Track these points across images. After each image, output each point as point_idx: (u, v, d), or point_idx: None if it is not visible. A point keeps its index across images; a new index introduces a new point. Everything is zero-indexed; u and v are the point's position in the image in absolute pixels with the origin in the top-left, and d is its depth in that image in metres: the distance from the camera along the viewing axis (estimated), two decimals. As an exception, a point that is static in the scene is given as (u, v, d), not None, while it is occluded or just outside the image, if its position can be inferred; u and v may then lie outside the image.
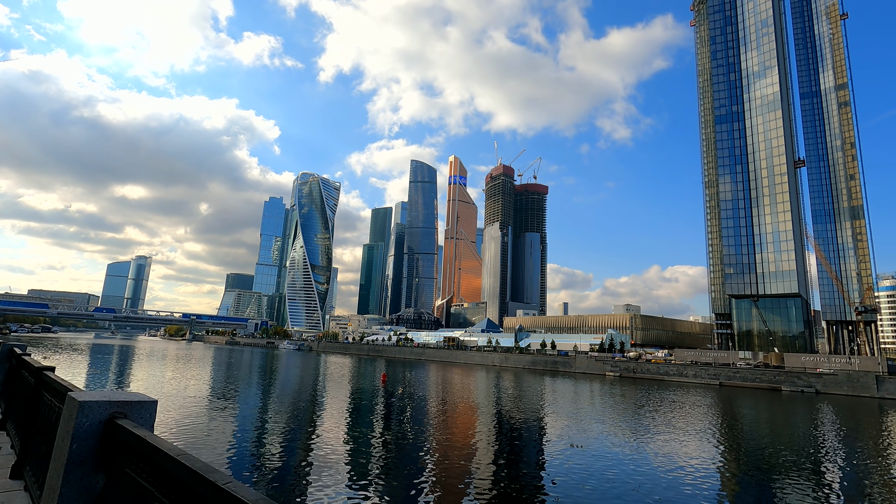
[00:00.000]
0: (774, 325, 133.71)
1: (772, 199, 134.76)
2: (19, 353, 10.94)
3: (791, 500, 22.46)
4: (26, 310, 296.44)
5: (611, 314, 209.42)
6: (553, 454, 29.19)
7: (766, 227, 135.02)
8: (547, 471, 25.41)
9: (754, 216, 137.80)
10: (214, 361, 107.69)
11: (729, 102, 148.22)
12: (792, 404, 67.92)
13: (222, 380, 67.82)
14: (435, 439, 32.15)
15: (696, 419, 48.45)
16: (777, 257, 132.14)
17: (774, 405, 66.22)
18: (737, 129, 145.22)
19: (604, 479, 23.82)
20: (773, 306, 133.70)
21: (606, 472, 25.42)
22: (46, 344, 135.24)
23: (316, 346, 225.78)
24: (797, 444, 37.04)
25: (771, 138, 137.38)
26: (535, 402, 56.79)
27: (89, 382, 55.24)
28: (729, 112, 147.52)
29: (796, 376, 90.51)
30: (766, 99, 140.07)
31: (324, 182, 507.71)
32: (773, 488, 24.26)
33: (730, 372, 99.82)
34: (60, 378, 6.32)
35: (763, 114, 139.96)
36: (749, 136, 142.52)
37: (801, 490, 24.09)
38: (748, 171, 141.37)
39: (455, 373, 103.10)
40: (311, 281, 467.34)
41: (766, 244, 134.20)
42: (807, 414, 57.77)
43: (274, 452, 27.27)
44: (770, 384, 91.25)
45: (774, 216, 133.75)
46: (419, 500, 19.90)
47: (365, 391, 61.22)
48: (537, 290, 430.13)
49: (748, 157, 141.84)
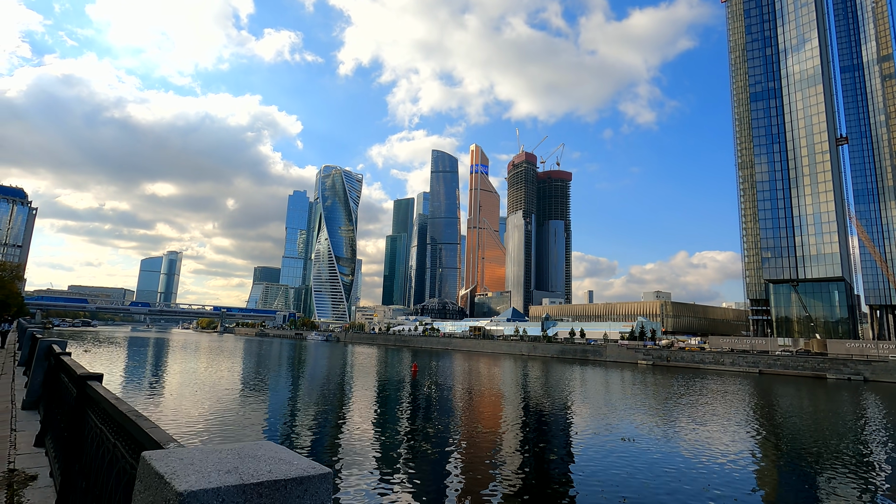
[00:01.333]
0: (815, 311, 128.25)
1: (812, 179, 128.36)
2: (58, 351, 9.42)
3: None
4: (67, 305, 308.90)
5: (640, 301, 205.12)
6: (600, 446, 27.98)
7: (807, 208, 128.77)
8: (603, 464, 24.26)
9: (793, 197, 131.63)
10: (247, 352, 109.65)
11: (765, 79, 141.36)
12: (839, 393, 64.76)
13: (257, 369, 68.65)
14: (475, 429, 31.35)
15: (743, 409, 46.41)
16: (818, 240, 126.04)
17: (821, 394, 63.24)
18: (774, 107, 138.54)
19: (658, 473, 22.57)
20: (813, 291, 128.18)
21: (665, 466, 24.12)
22: (87, 337, 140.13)
23: (343, 337, 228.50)
24: (867, 436, 34.87)
25: (811, 115, 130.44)
26: (570, 391, 55.48)
27: (131, 375, 56.41)
28: (765, 89, 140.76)
29: (842, 363, 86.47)
30: (805, 73, 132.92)
31: (346, 174, 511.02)
32: (851, 484, 22.58)
33: (769, 359, 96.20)
34: (116, 400, 4.24)
35: (802, 89, 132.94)
36: (787, 114, 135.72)
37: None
38: (786, 151, 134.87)
39: (483, 362, 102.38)
40: (336, 273, 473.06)
41: (807, 226, 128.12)
42: (860, 403, 54.84)
43: (307, 437, 26.95)
44: (814, 372, 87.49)
45: (815, 196, 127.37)
46: (476, 491, 19.08)
47: (394, 381, 60.97)
48: (562, 278, 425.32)
49: (786, 136, 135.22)
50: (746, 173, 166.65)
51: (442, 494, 19.34)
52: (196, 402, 37.48)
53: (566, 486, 20.95)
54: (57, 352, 9.32)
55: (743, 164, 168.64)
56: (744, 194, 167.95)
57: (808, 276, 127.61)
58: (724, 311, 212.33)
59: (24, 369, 18.06)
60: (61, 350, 9.83)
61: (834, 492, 21.64)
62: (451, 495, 19.19)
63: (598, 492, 19.88)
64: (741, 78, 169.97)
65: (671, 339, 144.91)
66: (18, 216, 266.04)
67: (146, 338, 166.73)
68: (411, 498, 18.46)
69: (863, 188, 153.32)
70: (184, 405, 36.15)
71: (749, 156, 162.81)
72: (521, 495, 19.22)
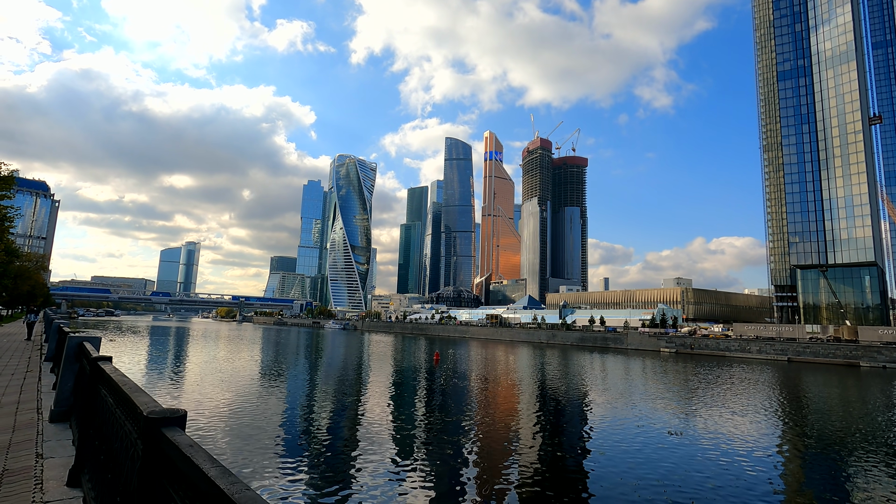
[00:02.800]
0: (845, 297, 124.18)
1: (844, 161, 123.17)
2: (94, 355, 7.00)
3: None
4: (91, 295, 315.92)
5: (660, 288, 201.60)
6: (649, 440, 26.75)
7: (837, 190, 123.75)
8: (653, 459, 23.07)
9: (823, 179, 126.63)
10: (267, 340, 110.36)
11: (794, 56, 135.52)
12: (874, 382, 62.35)
13: (279, 357, 68.70)
14: (510, 419, 30.37)
15: (781, 398, 44.68)
16: (850, 223, 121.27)
17: (855, 383, 60.92)
18: (803, 86, 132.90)
19: (719, 472, 21.32)
20: (843, 276, 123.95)
21: (720, 461, 22.85)
22: (111, 326, 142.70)
23: (360, 326, 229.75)
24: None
25: (843, 93, 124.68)
26: (600, 380, 54.19)
27: (154, 363, 56.67)
28: (794, 67, 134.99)
29: (876, 351, 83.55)
30: (837, 50, 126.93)
31: (360, 163, 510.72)
32: None
33: (798, 347, 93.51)
34: (197, 450, 2.86)
35: (834, 66, 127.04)
36: (817, 93, 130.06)
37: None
38: (816, 131, 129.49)
39: (503, 350, 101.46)
40: (351, 261, 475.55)
41: (837, 209, 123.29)
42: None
43: (324, 424, 26.31)
44: (846, 360, 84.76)
45: (847, 178, 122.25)
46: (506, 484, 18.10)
47: (416, 369, 60.32)
48: (578, 265, 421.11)
49: (816, 116, 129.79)
50: (771, 156, 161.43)
51: (474, 480, 18.39)
52: (221, 389, 37.27)
53: (616, 480, 19.82)
54: (92, 356, 6.99)
55: (768, 147, 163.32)
56: (768, 178, 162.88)
57: (838, 262, 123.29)
58: (746, 298, 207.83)
59: (51, 366, 16.74)
60: (96, 353, 7.56)
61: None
62: (478, 481, 18.22)
63: (658, 489, 18.72)
64: (767, 56, 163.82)
65: (693, 326, 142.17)
66: (42, 209, 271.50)
67: (168, 327, 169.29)
68: (439, 485, 17.54)
69: (894, 169, 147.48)
70: (208, 391, 35.94)
71: (774, 138, 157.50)
72: (564, 491, 18.16)
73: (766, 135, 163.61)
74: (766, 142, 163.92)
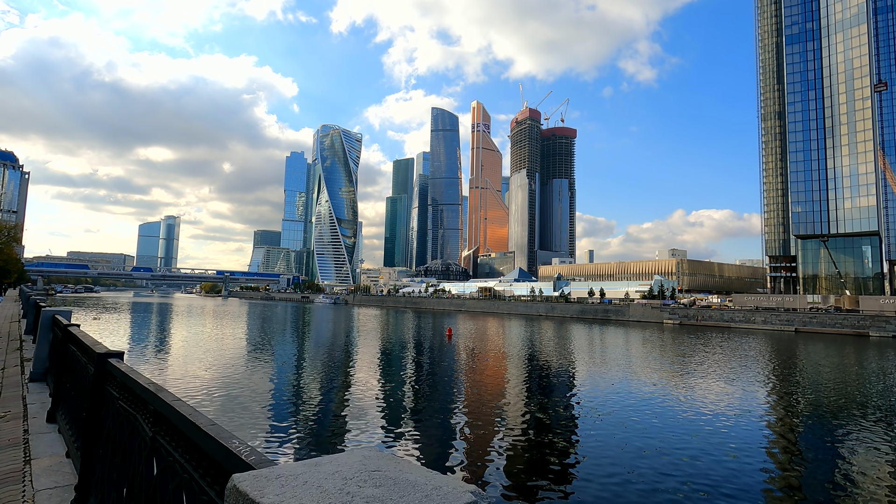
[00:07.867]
0: (845, 267, 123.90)
1: (850, 129, 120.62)
2: (65, 323, 8.77)
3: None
4: (68, 271, 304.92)
5: (655, 259, 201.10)
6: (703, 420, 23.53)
7: (843, 159, 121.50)
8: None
9: (828, 148, 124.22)
10: (256, 315, 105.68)
11: (802, 19, 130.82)
12: (888, 351, 61.02)
13: (271, 332, 64.61)
14: (528, 396, 26.94)
15: (807, 371, 42.33)
16: (854, 193, 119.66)
17: (872, 353, 59.37)
18: (810, 50, 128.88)
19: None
20: (844, 246, 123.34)
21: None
22: (92, 303, 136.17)
23: (351, 300, 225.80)
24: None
25: (852, 58, 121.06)
26: (625, 355, 51.34)
27: (141, 339, 52.03)
28: (802, 30, 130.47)
29: (885, 321, 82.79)
30: (848, 12, 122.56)
31: (345, 133, 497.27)
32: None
33: (805, 317, 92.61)
34: (136, 374, 3.93)
35: (844, 30, 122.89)
36: (825, 58, 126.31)
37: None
38: (822, 98, 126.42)
39: (506, 324, 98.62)
40: (338, 235, 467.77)
41: (842, 178, 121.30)
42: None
43: (319, 398, 22.70)
44: (854, 330, 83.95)
45: (853, 147, 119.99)
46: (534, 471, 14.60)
47: (432, 345, 56.83)
48: (566, 238, 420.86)
49: (823, 82, 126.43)
50: (770, 125, 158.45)
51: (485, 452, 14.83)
52: (215, 366, 33.62)
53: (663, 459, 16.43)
54: (64, 324, 8.72)
55: (766, 115, 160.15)
56: (766, 147, 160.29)
57: (840, 231, 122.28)
58: (739, 269, 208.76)
59: (32, 338, 18.25)
60: (67, 321, 9.26)
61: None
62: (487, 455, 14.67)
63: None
64: (768, 21, 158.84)
65: (693, 297, 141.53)
66: (11, 181, 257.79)
67: (150, 303, 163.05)
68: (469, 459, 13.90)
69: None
70: (196, 369, 32.35)
71: (773, 107, 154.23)
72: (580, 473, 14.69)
73: (765, 104, 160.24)
74: (765, 111, 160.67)
